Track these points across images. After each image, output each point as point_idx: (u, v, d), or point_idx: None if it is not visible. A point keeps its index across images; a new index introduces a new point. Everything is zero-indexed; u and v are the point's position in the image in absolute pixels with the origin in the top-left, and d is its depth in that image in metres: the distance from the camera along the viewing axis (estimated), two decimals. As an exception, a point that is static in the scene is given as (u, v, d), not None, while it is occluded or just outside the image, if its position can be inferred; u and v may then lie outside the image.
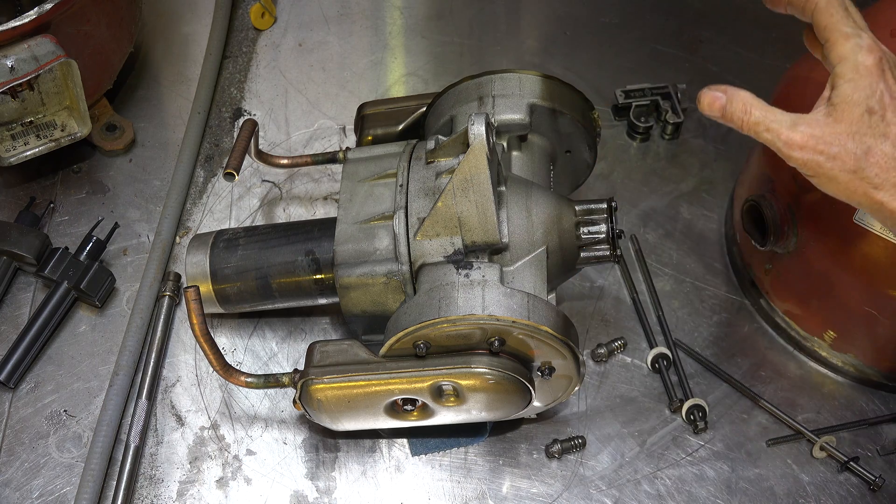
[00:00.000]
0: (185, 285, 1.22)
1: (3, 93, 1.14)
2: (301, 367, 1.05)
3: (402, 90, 1.51)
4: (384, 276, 1.02)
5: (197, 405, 1.18)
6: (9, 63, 1.13)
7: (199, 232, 1.31)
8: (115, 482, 1.10)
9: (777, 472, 1.15)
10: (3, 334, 1.21)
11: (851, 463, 1.13)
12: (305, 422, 1.16)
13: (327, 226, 1.11)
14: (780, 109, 0.85)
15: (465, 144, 1.00)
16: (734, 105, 0.85)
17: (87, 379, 1.19)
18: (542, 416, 1.17)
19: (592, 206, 1.04)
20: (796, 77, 1.15)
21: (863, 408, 1.20)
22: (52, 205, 1.33)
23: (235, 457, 1.14)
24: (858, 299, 1.11)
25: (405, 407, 1.02)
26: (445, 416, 1.04)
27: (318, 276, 1.10)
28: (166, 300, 1.23)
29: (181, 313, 1.25)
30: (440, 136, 1.08)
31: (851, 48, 0.82)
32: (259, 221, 1.34)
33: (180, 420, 1.17)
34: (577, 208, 1.04)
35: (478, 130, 0.96)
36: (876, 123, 0.80)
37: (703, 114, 0.87)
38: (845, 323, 1.17)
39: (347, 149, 1.16)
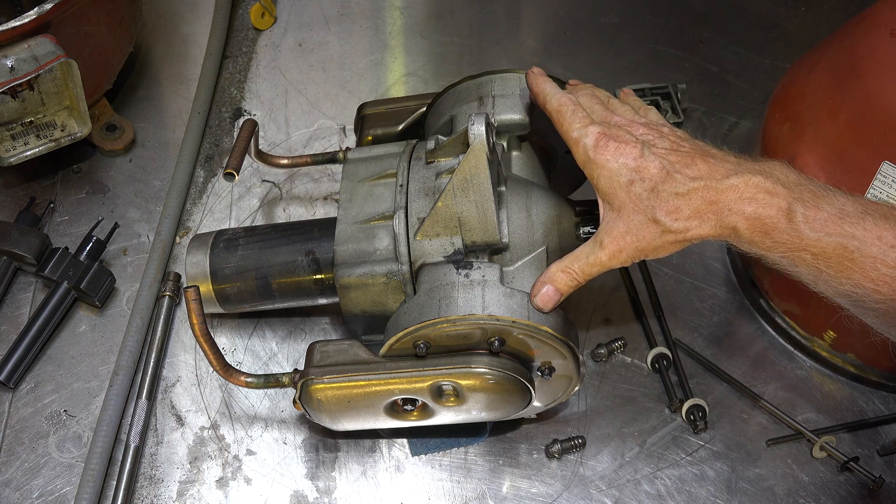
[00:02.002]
0: (185, 285, 1.22)
1: (3, 93, 1.14)
2: (301, 367, 1.05)
3: (402, 90, 1.51)
4: (384, 276, 1.02)
5: (197, 405, 1.18)
6: (9, 63, 1.13)
7: (199, 232, 1.31)
8: (115, 482, 1.10)
9: (777, 472, 1.15)
10: (3, 334, 1.22)
11: (851, 463, 1.13)
12: (305, 422, 1.16)
13: (327, 226, 1.11)
14: (576, 251, 0.94)
15: (465, 144, 1.00)
16: (557, 282, 0.94)
17: (87, 379, 1.19)
18: (542, 416, 1.17)
19: (592, 206, 1.04)
20: (796, 77, 1.15)
21: (863, 408, 1.20)
22: (52, 205, 1.33)
23: (235, 457, 1.14)
24: (858, 299, 1.11)
25: (405, 407, 1.02)
26: (445, 416, 1.04)
27: (318, 276, 1.10)
28: (166, 300, 1.23)
29: (181, 313, 1.25)
30: (440, 136, 1.08)
31: (583, 150, 0.91)
32: (259, 221, 1.34)
33: (180, 420, 1.17)
34: (576, 208, 1.04)
35: (478, 130, 0.96)
36: (640, 188, 0.87)
37: (546, 311, 0.96)
38: (845, 323, 1.17)
39: (347, 149, 1.16)
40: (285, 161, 1.25)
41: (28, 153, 1.24)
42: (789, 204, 0.82)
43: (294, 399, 1.03)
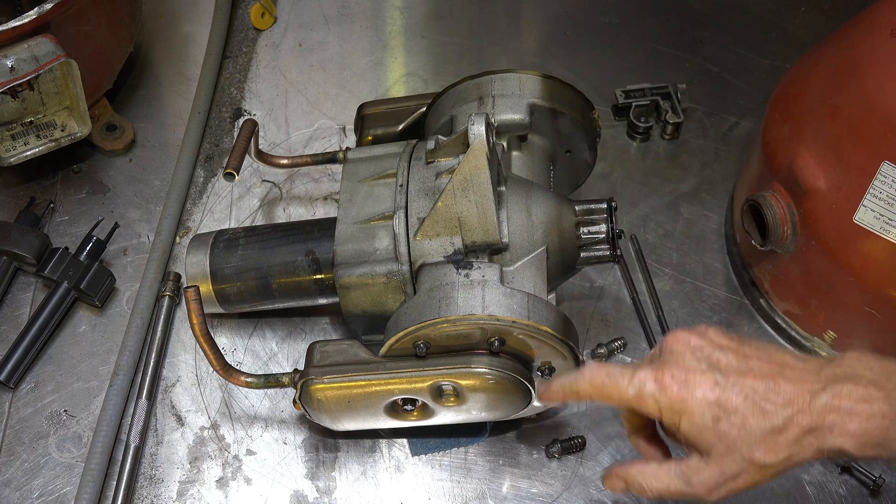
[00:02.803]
0: (185, 285, 1.22)
1: (3, 93, 1.14)
2: (301, 367, 1.05)
3: (402, 90, 1.51)
4: (384, 276, 1.02)
5: (197, 405, 1.18)
6: (9, 63, 1.13)
7: (199, 232, 1.31)
8: (115, 482, 1.10)
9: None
10: (3, 334, 1.21)
11: (851, 463, 1.13)
12: (305, 422, 1.16)
13: (327, 226, 1.11)
14: (663, 465, 0.85)
15: (465, 144, 1.00)
16: (632, 486, 0.86)
17: (87, 379, 1.19)
18: (542, 416, 1.17)
19: (592, 206, 1.04)
20: (796, 77, 1.15)
21: (863, 408, 1.20)
22: (52, 205, 1.33)
23: (235, 457, 1.14)
24: (858, 299, 1.11)
25: (405, 407, 1.02)
26: (445, 416, 1.04)
27: (318, 276, 1.10)
28: (166, 300, 1.23)
29: (181, 313, 1.25)
30: (440, 136, 1.08)
31: (651, 399, 0.81)
32: (259, 221, 1.34)
33: (180, 420, 1.17)
34: (577, 208, 1.04)
35: (478, 130, 0.96)
36: (729, 424, 0.79)
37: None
38: (845, 323, 1.17)
39: (347, 149, 1.16)
40: (285, 161, 1.25)
41: (28, 153, 1.24)
42: (890, 404, 0.76)
43: (294, 399, 1.03)
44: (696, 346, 0.82)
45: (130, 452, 1.11)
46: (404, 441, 1.15)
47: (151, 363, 1.18)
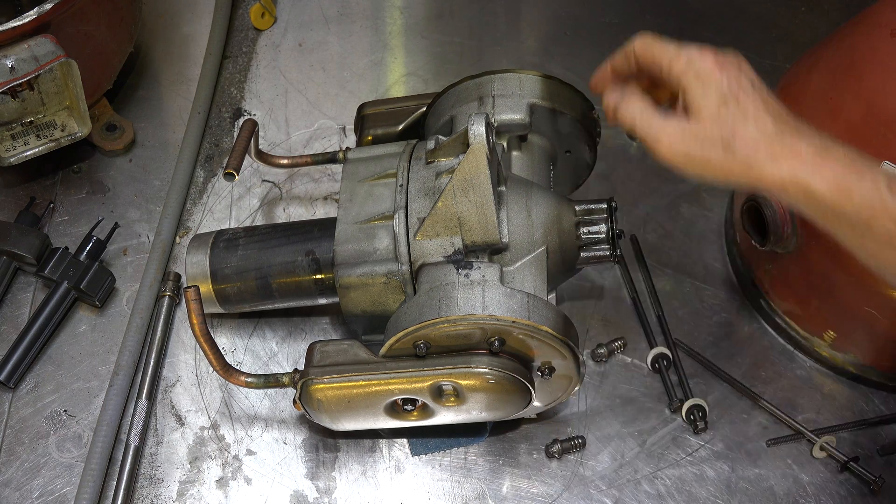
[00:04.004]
0: (185, 285, 1.22)
1: (3, 93, 1.14)
2: (301, 367, 1.05)
3: (402, 90, 1.51)
4: (384, 276, 1.02)
5: (197, 405, 1.18)
6: (9, 63, 1.13)
7: (199, 232, 1.31)
8: (115, 482, 1.10)
9: (777, 472, 1.15)
10: (3, 334, 1.21)
11: (851, 463, 1.13)
12: (305, 422, 1.16)
13: (327, 226, 1.11)
14: (652, 104, 0.91)
15: (465, 144, 1.00)
16: (617, 105, 0.92)
17: (87, 379, 1.19)
18: (542, 416, 1.17)
19: (592, 206, 1.04)
20: (796, 77, 1.15)
21: (863, 408, 1.20)
22: (52, 205, 1.33)
23: (235, 457, 1.14)
24: (858, 299, 1.11)
25: (405, 407, 1.02)
26: (445, 416, 1.04)
27: (318, 276, 1.10)
28: (166, 300, 1.23)
29: (181, 313, 1.25)
30: (440, 136, 1.08)
31: (686, 61, 0.88)
32: (259, 221, 1.34)
33: (180, 420, 1.17)
34: (577, 208, 1.04)
35: (478, 130, 0.96)
36: (733, 109, 0.85)
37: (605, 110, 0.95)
38: (845, 323, 1.17)
39: (347, 149, 1.16)
40: (285, 161, 1.25)
41: (28, 153, 1.24)
42: (871, 171, 0.81)
43: (294, 399, 1.03)
44: (744, 65, 0.88)
45: (130, 452, 1.11)
46: (404, 441, 1.15)
47: (151, 363, 1.18)
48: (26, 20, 1.14)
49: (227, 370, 1.04)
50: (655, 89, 0.96)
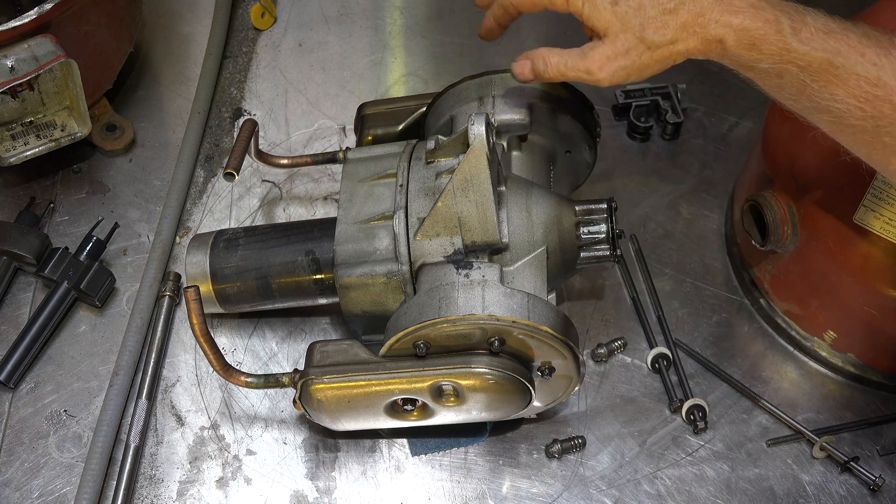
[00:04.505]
0: (185, 285, 1.22)
1: (3, 93, 1.14)
2: (301, 367, 1.05)
3: (402, 90, 1.51)
4: (384, 276, 1.02)
5: (197, 405, 1.18)
6: (9, 63, 1.13)
7: (199, 232, 1.31)
8: (115, 482, 1.10)
9: (777, 472, 1.15)
10: (3, 334, 1.21)
11: (851, 463, 1.13)
12: (305, 422, 1.16)
13: (327, 226, 1.11)
14: (566, 49, 0.95)
15: (465, 144, 1.00)
16: (536, 63, 0.96)
17: (87, 379, 1.19)
18: (542, 416, 1.17)
19: (592, 206, 1.04)
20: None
21: (863, 408, 1.20)
22: (52, 205, 1.33)
23: (235, 457, 1.14)
24: (858, 299, 1.11)
25: (405, 407, 1.02)
26: (445, 416, 1.04)
27: (318, 276, 1.10)
28: (166, 300, 1.23)
29: (181, 313, 1.25)
30: (440, 136, 1.08)
31: None
32: (259, 221, 1.34)
33: (180, 420, 1.17)
34: (577, 208, 1.04)
35: (478, 130, 0.96)
36: (626, 7, 0.89)
37: (519, 81, 0.98)
38: (845, 323, 1.17)
39: (347, 149, 1.16)
40: (285, 161, 1.25)
41: (28, 153, 1.24)
42: (776, 17, 0.84)
43: (294, 399, 1.03)
44: None
45: (130, 452, 1.11)
46: (404, 441, 1.15)
47: (151, 363, 1.18)
48: (26, 20, 1.14)
49: (227, 370, 1.04)
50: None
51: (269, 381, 1.04)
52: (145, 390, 1.16)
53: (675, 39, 0.88)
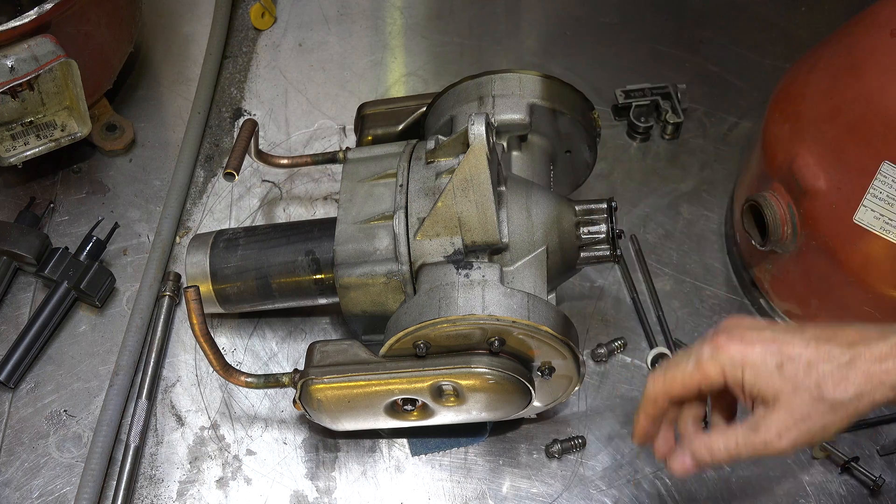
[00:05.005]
0: (185, 285, 1.22)
1: (3, 93, 1.14)
2: (301, 367, 1.05)
3: (402, 90, 1.51)
4: (384, 276, 1.02)
5: (197, 405, 1.18)
6: (9, 63, 1.13)
7: (199, 232, 1.31)
8: (115, 482, 1.10)
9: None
10: (3, 334, 1.21)
11: (851, 463, 1.13)
12: (305, 422, 1.16)
13: (327, 226, 1.11)
14: (729, 426, 0.85)
15: (465, 144, 1.00)
16: (698, 453, 0.85)
17: (87, 379, 1.19)
18: (542, 416, 1.17)
19: (592, 206, 1.04)
20: (796, 77, 1.15)
21: (863, 408, 1.20)
22: (52, 205, 1.33)
23: (235, 457, 1.14)
24: (858, 299, 1.11)
25: (405, 407, 1.02)
26: (445, 416, 1.04)
27: (318, 276, 1.10)
28: (166, 300, 1.23)
29: (181, 313, 1.25)
30: (440, 136, 1.08)
31: (712, 362, 0.82)
32: (259, 221, 1.34)
33: (180, 420, 1.17)
34: (577, 208, 1.04)
35: (478, 130, 0.96)
36: (793, 367, 0.80)
37: (678, 477, 0.89)
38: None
39: (347, 149, 1.16)
40: (285, 161, 1.25)
41: (28, 153, 1.24)
42: None
43: (294, 399, 1.03)
44: (750, 321, 0.83)
45: (130, 452, 1.11)
46: (404, 441, 1.15)
47: (151, 363, 1.18)
48: (26, 20, 1.14)
49: (227, 370, 1.04)
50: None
51: (269, 381, 1.04)
52: (145, 390, 1.16)
53: (861, 394, 0.78)
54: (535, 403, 1.07)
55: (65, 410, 1.16)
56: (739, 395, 0.83)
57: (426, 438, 1.15)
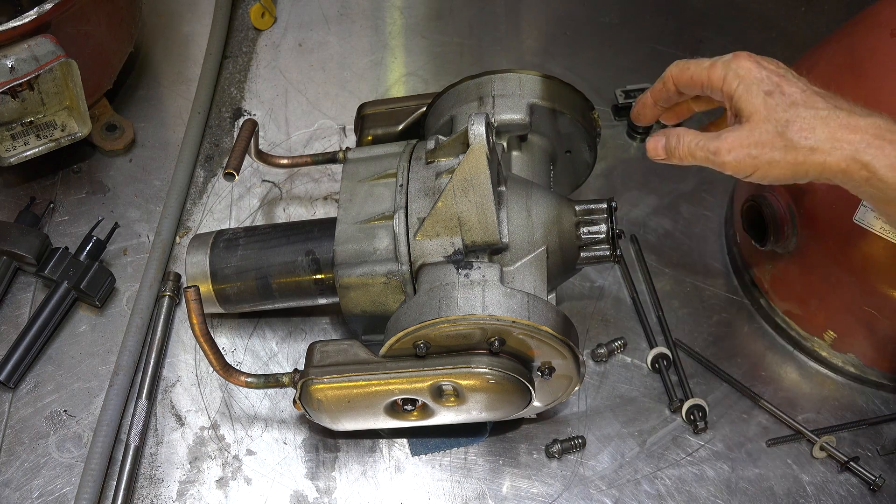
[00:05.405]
0: (185, 285, 1.22)
1: (3, 93, 1.14)
2: (301, 367, 1.05)
3: (402, 90, 1.51)
4: (384, 276, 1.02)
5: (197, 405, 1.18)
6: (9, 63, 1.13)
7: (199, 232, 1.31)
8: (115, 482, 1.10)
9: (777, 472, 1.15)
10: (3, 334, 1.21)
11: (851, 463, 1.13)
12: (305, 422, 1.16)
13: (327, 226, 1.11)
14: (702, 133, 0.92)
15: (465, 144, 1.00)
16: (670, 140, 0.93)
17: (87, 379, 1.19)
18: (542, 416, 1.17)
19: (592, 206, 1.04)
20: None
21: (863, 408, 1.20)
22: (52, 205, 1.33)
23: (235, 457, 1.14)
24: (858, 299, 1.11)
25: (405, 407, 1.02)
26: (445, 416, 1.04)
27: (318, 276, 1.10)
28: (166, 300, 1.23)
29: (181, 313, 1.25)
30: (440, 136, 1.08)
31: (722, 66, 0.90)
32: (259, 221, 1.34)
33: (180, 420, 1.17)
34: (577, 208, 1.04)
35: (478, 130, 0.96)
36: (779, 100, 0.86)
37: (650, 157, 0.96)
38: (845, 323, 1.17)
39: (347, 149, 1.16)
40: (285, 161, 1.25)
41: (28, 153, 1.24)
42: None
43: (294, 399, 1.03)
44: (780, 63, 0.90)
45: (130, 452, 1.11)
46: (404, 441, 1.15)
47: (151, 363, 1.18)
48: (26, 20, 1.14)
49: (227, 370, 1.04)
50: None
51: (269, 381, 1.04)
52: (145, 390, 1.16)
53: (816, 148, 0.83)
54: (535, 403, 1.07)
55: (65, 410, 1.16)
56: (728, 104, 0.90)
57: (426, 438, 1.15)
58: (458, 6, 1.63)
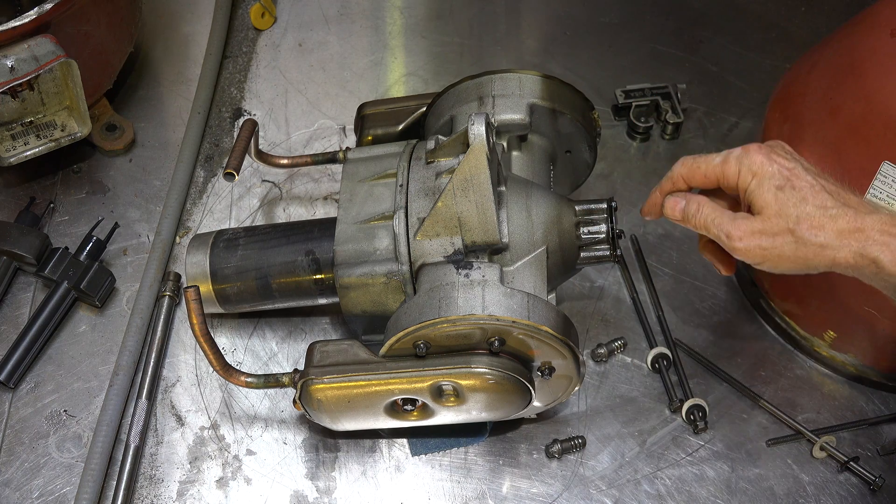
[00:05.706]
0: (185, 285, 1.22)
1: (3, 93, 1.14)
2: (301, 367, 1.05)
3: (402, 90, 1.51)
4: (384, 276, 1.02)
5: (197, 405, 1.18)
6: (9, 63, 1.13)
7: (199, 232, 1.31)
8: (115, 482, 1.10)
9: (777, 472, 1.15)
10: (3, 334, 1.21)
11: (851, 463, 1.13)
12: (305, 422, 1.16)
13: (327, 226, 1.11)
14: (729, 210, 0.93)
15: (465, 144, 1.00)
16: (690, 206, 0.95)
17: (87, 379, 1.19)
18: (542, 416, 1.17)
19: (592, 206, 1.04)
20: (796, 77, 1.15)
21: (863, 408, 1.20)
22: (52, 205, 1.33)
23: (235, 457, 1.14)
24: (858, 299, 1.11)
25: (405, 407, 1.02)
26: (445, 416, 1.04)
27: (318, 276, 1.10)
28: (166, 300, 1.23)
29: (181, 313, 1.25)
30: (440, 136, 1.08)
31: (735, 161, 0.91)
32: (259, 221, 1.34)
33: (180, 420, 1.17)
34: (577, 208, 1.04)
35: (478, 130, 0.96)
36: (789, 195, 0.88)
37: (666, 216, 0.97)
38: (845, 323, 1.17)
39: (347, 149, 1.16)
40: (285, 161, 1.25)
41: (28, 153, 1.24)
42: None
43: (294, 399, 1.03)
44: (789, 149, 0.92)
45: (130, 452, 1.11)
46: (404, 441, 1.15)
47: (151, 363, 1.18)
48: (26, 20, 1.14)
49: (227, 370, 1.04)
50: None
51: (269, 381, 1.04)
52: (145, 390, 1.16)
53: (826, 245, 0.86)
54: (535, 403, 1.07)
55: (65, 410, 1.16)
56: (741, 197, 0.92)
57: (426, 438, 1.15)
58: (458, 6, 1.63)
